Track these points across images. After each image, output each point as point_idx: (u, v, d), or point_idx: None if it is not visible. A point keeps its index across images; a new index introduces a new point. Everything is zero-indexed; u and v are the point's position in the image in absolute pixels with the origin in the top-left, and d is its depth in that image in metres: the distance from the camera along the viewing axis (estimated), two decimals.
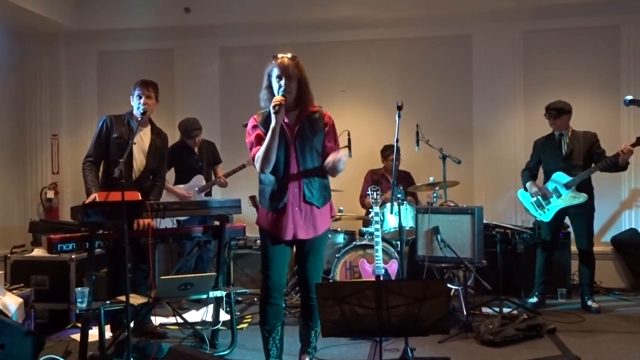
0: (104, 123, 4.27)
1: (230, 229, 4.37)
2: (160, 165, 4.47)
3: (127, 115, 4.31)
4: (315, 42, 6.56)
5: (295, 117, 3.25)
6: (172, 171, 5.71)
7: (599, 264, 5.36)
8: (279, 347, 3.31)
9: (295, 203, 3.22)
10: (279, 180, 3.22)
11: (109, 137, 4.24)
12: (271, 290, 3.26)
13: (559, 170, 5.10)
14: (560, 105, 5.13)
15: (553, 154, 5.19)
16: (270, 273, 3.26)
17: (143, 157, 4.31)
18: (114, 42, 7.01)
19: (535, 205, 5.24)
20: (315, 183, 3.25)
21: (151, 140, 4.36)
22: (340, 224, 5.92)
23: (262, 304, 3.30)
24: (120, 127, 4.24)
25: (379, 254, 3.85)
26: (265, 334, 3.29)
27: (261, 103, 3.27)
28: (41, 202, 6.90)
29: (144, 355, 3.80)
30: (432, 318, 2.53)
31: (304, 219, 3.23)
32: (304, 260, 3.33)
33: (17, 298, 4.12)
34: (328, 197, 3.35)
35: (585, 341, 4.23)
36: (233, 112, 6.68)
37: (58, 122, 7.05)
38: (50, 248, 3.71)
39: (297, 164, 3.21)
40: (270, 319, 3.27)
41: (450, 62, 6.61)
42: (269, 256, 3.28)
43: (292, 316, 4.97)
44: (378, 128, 6.43)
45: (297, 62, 3.19)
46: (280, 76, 3.14)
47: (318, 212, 3.26)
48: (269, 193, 3.26)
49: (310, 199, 3.23)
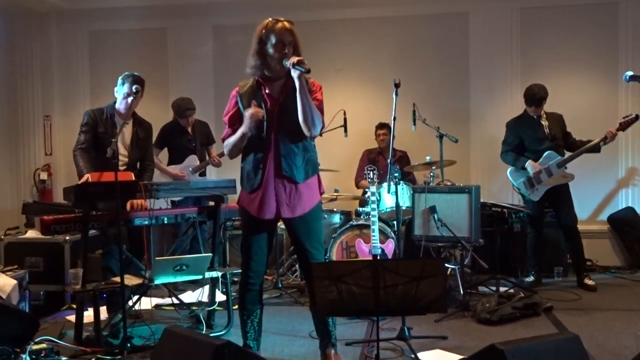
0: (88, 116, 4.18)
1: (226, 210, 4.33)
2: (145, 153, 4.39)
3: (109, 109, 4.21)
4: (310, 21, 6.46)
5: (280, 87, 3.09)
6: (165, 151, 5.67)
7: (595, 243, 5.38)
8: (257, 330, 3.27)
9: (277, 179, 3.07)
10: (257, 156, 3.09)
11: (95, 129, 4.16)
12: (250, 278, 3.19)
13: (548, 149, 5.12)
14: (542, 94, 5.16)
15: (536, 135, 5.21)
16: (250, 259, 3.18)
17: (125, 150, 4.24)
18: (106, 21, 6.90)
19: (526, 185, 5.23)
20: (295, 157, 3.07)
21: (133, 133, 4.26)
22: (337, 204, 5.90)
23: (240, 289, 3.24)
24: (103, 122, 4.17)
25: (376, 234, 3.82)
26: (243, 317, 3.25)
27: (247, 70, 3.11)
28: (34, 183, 6.85)
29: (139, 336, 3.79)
30: (429, 297, 2.51)
31: (287, 196, 3.08)
32: (301, 242, 3.20)
33: (11, 280, 4.09)
34: (312, 171, 3.16)
35: (581, 319, 4.23)
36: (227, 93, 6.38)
37: (50, 103, 6.97)
38: (44, 229, 3.68)
39: (276, 139, 3.06)
40: (248, 304, 3.22)
41: (447, 40, 6.54)
42: (248, 241, 3.18)
43: (288, 296, 4.97)
44: (374, 107, 6.37)
45: (293, 25, 3.04)
46: (283, 42, 2.98)
47: (302, 187, 3.10)
48: (247, 171, 3.15)
49: (288, 172, 3.06)
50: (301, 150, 3.11)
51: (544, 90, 5.18)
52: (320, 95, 3.14)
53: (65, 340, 3.74)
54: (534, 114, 5.23)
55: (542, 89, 5.18)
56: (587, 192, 5.45)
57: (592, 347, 3.48)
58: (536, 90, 5.17)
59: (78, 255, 4.67)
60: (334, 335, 3.28)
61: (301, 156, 3.11)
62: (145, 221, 3.94)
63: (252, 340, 3.24)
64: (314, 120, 3.02)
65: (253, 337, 3.25)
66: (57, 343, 3.63)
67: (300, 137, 3.09)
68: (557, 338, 2.77)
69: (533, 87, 5.20)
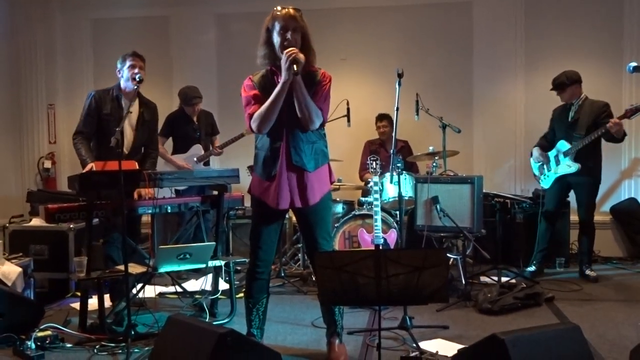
0: (92, 98, 4.16)
1: (229, 199, 4.35)
2: (152, 137, 4.39)
3: (115, 90, 4.19)
4: (313, 9, 6.41)
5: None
6: (170, 141, 5.68)
7: (598, 234, 5.36)
8: (262, 319, 3.28)
9: (289, 169, 3.05)
10: (274, 145, 3.06)
11: (99, 112, 4.15)
12: (258, 266, 3.20)
13: (563, 139, 5.09)
14: (562, 79, 5.10)
15: (561, 122, 5.19)
16: (259, 248, 3.18)
17: (132, 131, 4.23)
18: (109, 9, 6.89)
19: (538, 169, 5.32)
20: (305, 147, 3.06)
21: (139, 114, 4.24)
22: (339, 194, 5.91)
23: (248, 278, 3.25)
24: (109, 103, 4.16)
25: (378, 224, 3.83)
26: (249, 306, 3.25)
27: (257, 61, 3.08)
28: (39, 172, 6.87)
29: (143, 324, 3.82)
30: (431, 287, 2.52)
31: (300, 185, 3.08)
32: (310, 232, 3.20)
33: (16, 267, 4.12)
34: (322, 161, 3.15)
35: (583, 309, 4.25)
36: (230, 81, 6.58)
37: (54, 91, 6.98)
38: (49, 218, 3.70)
39: (288, 127, 3.04)
40: (255, 293, 3.23)
41: (450, 29, 6.51)
42: (258, 230, 3.18)
43: (292, 285, 5.00)
44: (377, 97, 6.36)
45: (302, 14, 2.99)
46: (286, 28, 2.93)
47: (312, 176, 3.09)
48: (262, 158, 3.11)
49: (298, 162, 3.05)
50: (310, 140, 3.10)
51: (566, 75, 5.08)
52: (327, 87, 3.09)
53: (70, 327, 3.78)
54: (564, 101, 5.17)
55: (565, 73, 5.09)
56: None
57: (592, 338, 3.50)
58: (560, 75, 5.12)
59: (82, 243, 4.70)
60: (340, 324, 3.29)
61: (310, 145, 3.09)
62: (149, 210, 3.96)
63: (256, 329, 3.26)
64: (311, 116, 3.00)
65: (257, 325, 3.26)
66: (62, 330, 3.67)
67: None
68: (558, 328, 2.79)
69: (562, 72, 5.14)
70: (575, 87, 5.10)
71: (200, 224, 4.37)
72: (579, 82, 5.11)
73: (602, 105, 5.06)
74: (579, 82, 5.11)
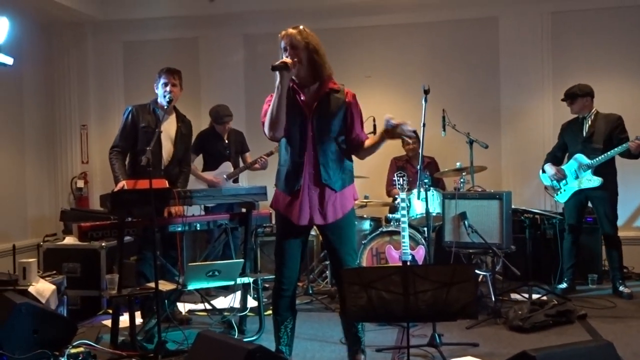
0: (130, 113, 4.32)
1: (257, 216, 4.39)
2: (187, 152, 4.52)
3: (152, 104, 4.37)
4: (339, 28, 6.51)
5: (314, 93, 3.10)
6: (200, 158, 5.76)
7: (631, 250, 5.27)
8: (290, 336, 3.27)
9: (312, 185, 3.08)
10: (295, 160, 3.09)
11: (135, 127, 4.28)
12: (282, 283, 3.20)
13: (579, 152, 5.04)
14: (574, 90, 5.08)
15: (574, 137, 5.14)
16: (283, 265, 3.19)
17: (170, 145, 4.37)
18: (139, 32, 7.06)
19: (552, 186, 5.23)
20: (333, 164, 3.10)
21: (177, 128, 4.41)
22: (366, 211, 5.90)
23: (274, 295, 3.25)
24: (146, 116, 4.30)
25: (406, 240, 3.82)
26: (277, 323, 3.26)
27: None
28: (72, 191, 7.02)
29: (173, 341, 3.86)
30: (460, 303, 2.51)
31: (322, 203, 3.09)
32: (334, 248, 3.21)
33: (50, 285, 4.20)
34: (348, 180, 3.19)
35: (616, 327, 4.16)
36: (258, 101, 6.49)
37: (86, 113, 7.15)
38: (81, 236, 3.78)
39: (313, 144, 3.07)
40: (282, 310, 3.24)
41: (476, 45, 6.51)
42: (283, 247, 3.19)
43: (319, 302, 5.00)
44: (403, 113, 6.23)
45: (302, 29, 3.07)
46: (286, 47, 3.05)
47: (336, 195, 3.12)
48: (285, 174, 3.15)
49: (327, 181, 3.08)
50: (338, 159, 3.14)
51: (579, 87, 5.07)
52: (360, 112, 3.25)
53: (102, 344, 3.84)
54: (575, 113, 5.15)
55: (579, 85, 5.09)
56: (621, 198, 5.33)
57: (627, 355, 3.42)
58: (572, 86, 5.10)
59: (113, 260, 4.78)
60: (363, 341, 3.27)
61: (338, 165, 3.14)
62: (179, 227, 4.02)
63: (284, 346, 3.26)
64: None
65: (285, 342, 3.26)
66: (94, 347, 3.73)
67: (336, 144, 3.13)
68: (591, 345, 2.73)
69: (575, 84, 5.13)
70: (586, 100, 5.07)
71: (228, 241, 4.41)
72: (591, 95, 5.08)
73: (616, 118, 5.05)
74: (591, 96, 5.08)
